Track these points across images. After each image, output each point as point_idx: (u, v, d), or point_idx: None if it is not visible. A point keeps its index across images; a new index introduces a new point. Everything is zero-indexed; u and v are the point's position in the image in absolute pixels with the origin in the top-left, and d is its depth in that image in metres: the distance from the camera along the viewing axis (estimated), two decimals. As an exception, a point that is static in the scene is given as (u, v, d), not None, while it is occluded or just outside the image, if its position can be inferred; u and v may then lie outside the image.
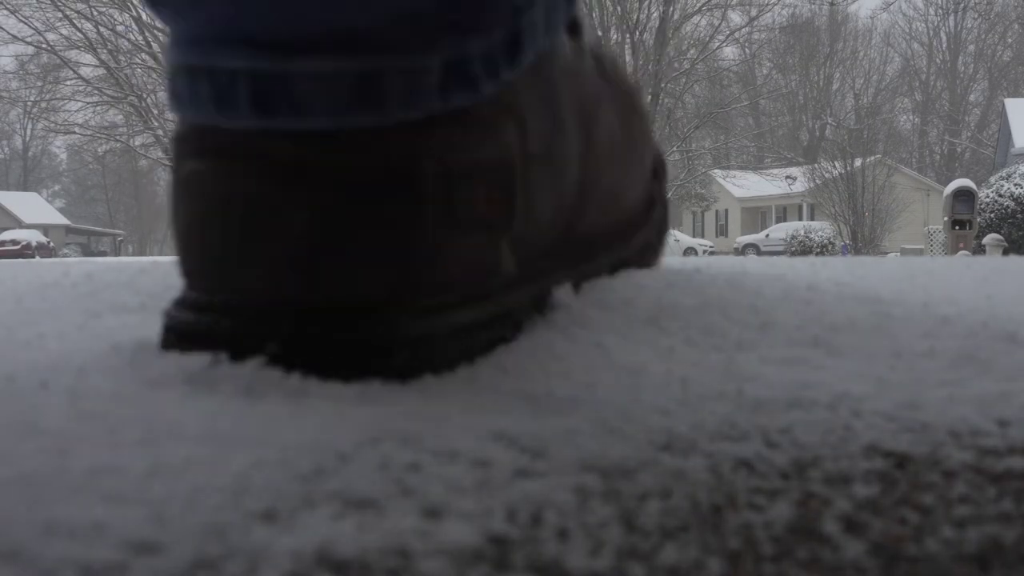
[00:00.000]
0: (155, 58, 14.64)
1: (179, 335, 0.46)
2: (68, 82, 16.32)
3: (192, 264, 0.47)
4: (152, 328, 0.56)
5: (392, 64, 0.45)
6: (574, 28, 0.58)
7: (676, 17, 17.63)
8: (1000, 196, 9.99)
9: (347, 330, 0.45)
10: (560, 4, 0.53)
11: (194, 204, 0.46)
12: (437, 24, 0.46)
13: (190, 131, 0.47)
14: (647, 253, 0.72)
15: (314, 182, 0.45)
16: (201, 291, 0.47)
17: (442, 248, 0.47)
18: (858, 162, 22.92)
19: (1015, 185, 9.99)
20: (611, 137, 0.62)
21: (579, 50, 0.59)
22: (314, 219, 0.45)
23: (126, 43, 14.96)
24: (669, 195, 0.82)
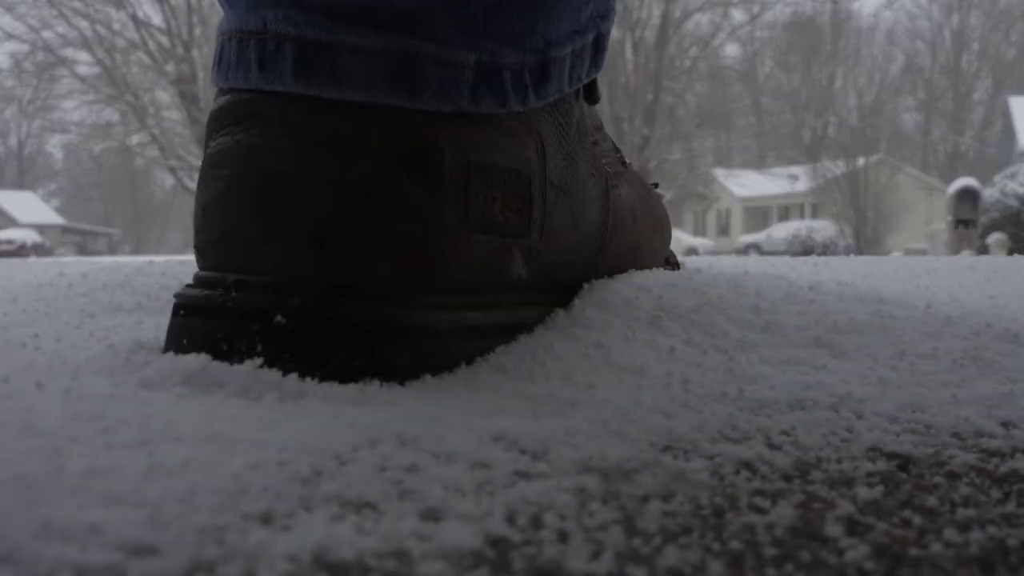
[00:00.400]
0: (151, 56, 14.63)
1: (188, 310, 0.46)
2: (64, 80, 16.30)
3: (208, 238, 0.47)
4: (148, 328, 0.56)
5: (432, 51, 0.47)
6: (593, 96, 0.60)
7: (678, 15, 17.62)
8: (1005, 195, 9.94)
9: (355, 313, 0.45)
10: (586, 59, 0.55)
11: (217, 179, 0.47)
12: (477, 22, 0.48)
13: (224, 106, 0.48)
14: None
15: (337, 159, 0.45)
16: (214, 269, 0.47)
17: (455, 241, 0.47)
18: (861, 161, 22.89)
19: (1020, 184, 9.94)
20: (631, 203, 0.65)
21: (601, 129, 0.63)
22: (333, 196, 0.45)
23: (122, 41, 14.94)
24: (670, 195, 0.84)
